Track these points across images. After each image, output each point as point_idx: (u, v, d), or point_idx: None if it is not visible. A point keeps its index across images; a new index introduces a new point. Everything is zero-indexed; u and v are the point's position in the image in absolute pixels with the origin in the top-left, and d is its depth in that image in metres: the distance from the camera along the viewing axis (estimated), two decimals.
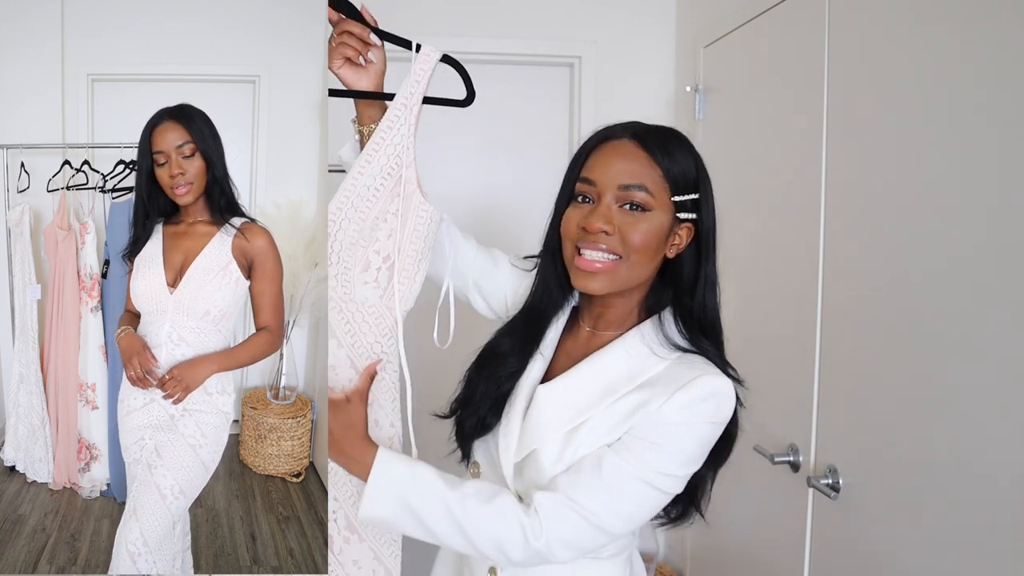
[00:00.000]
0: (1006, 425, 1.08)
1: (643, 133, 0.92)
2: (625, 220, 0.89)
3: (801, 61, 1.60)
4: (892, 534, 1.31)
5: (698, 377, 0.87)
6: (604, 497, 0.87)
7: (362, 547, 0.96)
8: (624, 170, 0.90)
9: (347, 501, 0.95)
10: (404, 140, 0.92)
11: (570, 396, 0.91)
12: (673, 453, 0.87)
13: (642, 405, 0.88)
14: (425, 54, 0.94)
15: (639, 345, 0.92)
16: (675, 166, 0.90)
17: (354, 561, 0.95)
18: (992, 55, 1.12)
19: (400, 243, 0.93)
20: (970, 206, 1.15)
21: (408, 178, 0.92)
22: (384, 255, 0.93)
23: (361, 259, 0.93)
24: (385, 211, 0.92)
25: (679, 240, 0.92)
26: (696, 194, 0.91)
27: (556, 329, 1.00)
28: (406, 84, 0.94)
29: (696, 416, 0.87)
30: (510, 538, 0.87)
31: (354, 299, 0.94)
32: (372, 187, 0.92)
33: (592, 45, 2.29)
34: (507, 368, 0.97)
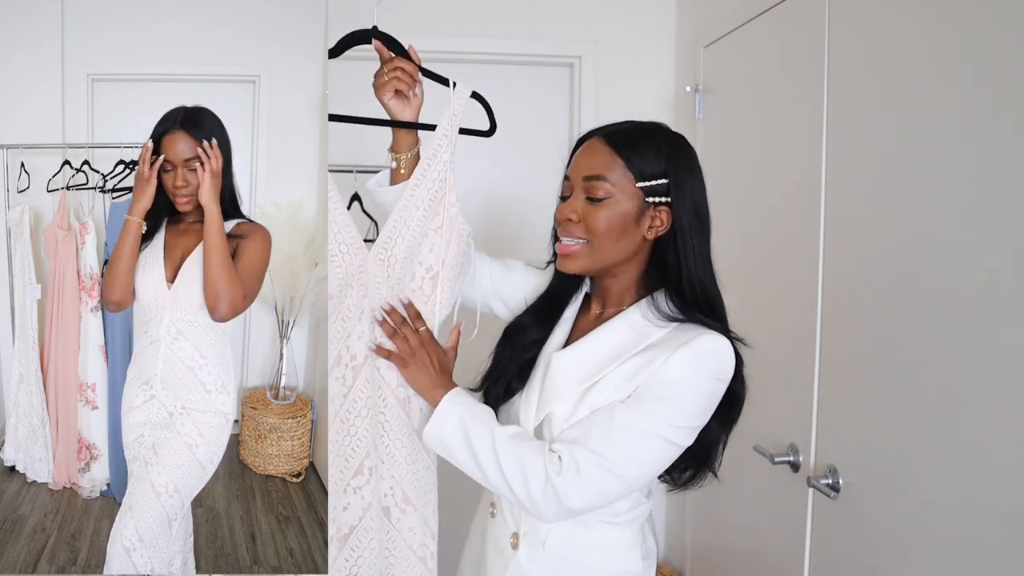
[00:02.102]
0: (1006, 425, 1.08)
1: (612, 131, 1.03)
2: (588, 209, 1.00)
3: (801, 61, 1.60)
4: (892, 534, 1.31)
5: (697, 336, 0.96)
6: (615, 445, 0.94)
7: (416, 516, 1.11)
8: (588, 164, 1.01)
9: (404, 479, 1.11)
10: (446, 166, 1.06)
11: (581, 361, 1.01)
12: (679, 405, 0.95)
13: (646, 365, 0.96)
14: (460, 91, 1.08)
15: (639, 318, 1.02)
16: (638, 156, 0.99)
17: (410, 528, 1.12)
18: (992, 54, 1.12)
19: (443, 256, 1.07)
20: (970, 205, 1.15)
21: (451, 200, 1.06)
22: (427, 266, 1.07)
23: (409, 270, 1.07)
24: (427, 228, 1.06)
25: (658, 223, 1.01)
26: (665, 179, 1.00)
27: (573, 308, 1.12)
28: (446, 118, 1.07)
29: (698, 371, 0.95)
30: (534, 471, 0.95)
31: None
32: (422, 207, 1.05)
33: (592, 45, 2.29)
34: (529, 337, 1.09)
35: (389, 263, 1.05)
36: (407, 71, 1.06)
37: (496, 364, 1.12)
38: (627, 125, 1.05)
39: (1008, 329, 1.08)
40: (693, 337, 0.96)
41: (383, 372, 1.08)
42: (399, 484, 1.10)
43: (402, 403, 1.10)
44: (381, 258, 1.05)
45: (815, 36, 1.54)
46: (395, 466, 1.09)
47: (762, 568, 1.77)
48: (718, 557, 2.03)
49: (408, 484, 1.10)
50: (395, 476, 1.09)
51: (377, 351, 1.08)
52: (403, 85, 1.06)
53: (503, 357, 1.11)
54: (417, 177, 1.05)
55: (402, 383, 1.10)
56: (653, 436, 0.94)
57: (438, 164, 1.05)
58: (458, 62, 2.28)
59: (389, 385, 1.09)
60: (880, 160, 1.36)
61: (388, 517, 1.10)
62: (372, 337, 1.08)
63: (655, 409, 0.94)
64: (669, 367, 0.94)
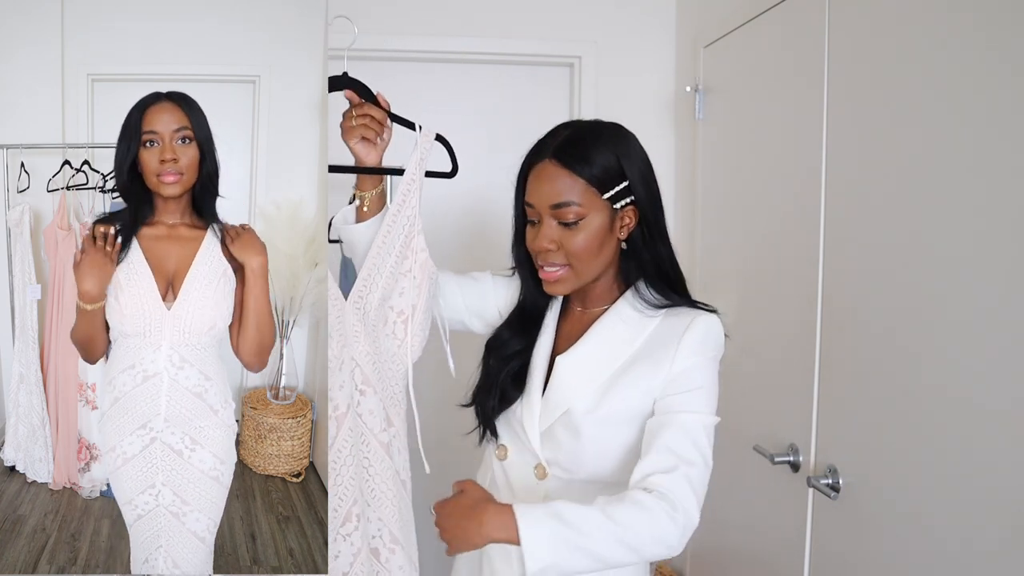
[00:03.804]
0: (1006, 425, 1.08)
1: (561, 149, 1.02)
2: (564, 235, 1.02)
3: (801, 61, 1.60)
4: (892, 534, 1.31)
5: (692, 321, 1.02)
6: (686, 443, 0.97)
7: (403, 554, 1.12)
8: (551, 192, 1.01)
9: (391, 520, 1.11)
10: (414, 210, 1.07)
11: (587, 360, 1.04)
12: (705, 388, 1.01)
13: (659, 363, 1.00)
14: (426, 134, 1.10)
15: (629, 310, 1.06)
16: (595, 169, 1.00)
17: (399, 567, 1.12)
18: (992, 54, 1.12)
19: (415, 301, 1.08)
20: (971, 205, 1.15)
21: (420, 245, 1.08)
22: (398, 311, 1.08)
23: (381, 315, 1.09)
24: (397, 272, 1.07)
25: (627, 221, 1.04)
26: (625, 181, 1.02)
27: (553, 314, 1.14)
28: (413, 162, 1.09)
29: (706, 352, 1.02)
30: (661, 525, 0.92)
31: (381, 350, 1.09)
32: (394, 253, 1.07)
33: (592, 45, 2.28)
34: (512, 348, 1.11)
35: (365, 310, 1.07)
36: (376, 118, 1.09)
37: (486, 376, 1.12)
38: (568, 135, 1.04)
39: (1008, 329, 1.08)
40: (690, 323, 1.02)
41: (365, 419, 1.09)
42: (386, 526, 1.11)
43: (385, 447, 1.11)
44: (358, 307, 1.07)
45: (815, 36, 1.54)
46: (381, 508, 1.10)
47: (762, 568, 1.77)
48: (718, 557, 2.03)
49: (395, 525, 1.12)
50: (382, 519, 1.10)
51: None
52: (370, 133, 1.09)
53: (492, 370, 1.12)
54: (388, 224, 1.07)
55: (384, 428, 1.10)
56: (704, 426, 0.99)
57: (407, 209, 1.08)
58: (458, 62, 2.28)
59: (372, 431, 1.10)
60: (880, 160, 1.36)
61: (377, 558, 1.11)
62: (352, 385, 1.08)
63: (700, 397, 1.00)
64: (680, 358, 1.00)
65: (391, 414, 1.11)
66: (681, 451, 0.96)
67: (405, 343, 1.09)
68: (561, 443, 1.04)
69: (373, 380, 1.08)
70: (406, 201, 1.07)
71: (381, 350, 1.09)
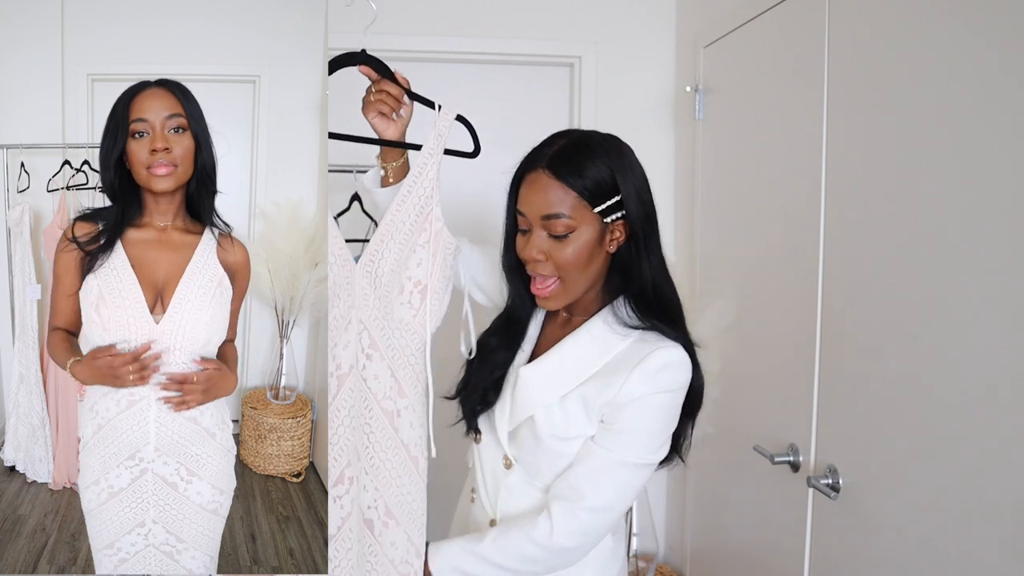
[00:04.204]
0: (1006, 425, 1.08)
1: (555, 159, 1.01)
2: (553, 247, 1.02)
3: (801, 61, 1.60)
4: (892, 534, 1.31)
5: (651, 352, 1.01)
6: (598, 487, 1.01)
7: (399, 530, 1.10)
8: (542, 202, 1.01)
9: (387, 492, 1.10)
10: (432, 183, 1.09)
11: (549, 374, 1.07)
12: (643, 432, 1.02)
13: (609, 386, 1.01)
14: (445, 114, 1.11)
15: (601, 327, 1.06)
16: (587, 181, 1.00)
17: (392, 543, 1.10)
18: (993, 54, 1.12)
19: (431, 270, 1.09)
20: (970, 205, 1.15)
21: (436, 215, 1.09)
22: (415, 281, 1.09)
23: (397, 284, 1.09)
24: (415, 243, 1.09)
25: (617, 235, 1.03)
26: (617, 195, 1.01)
27: (536, 323, 1.16)
28: (431, 138, 1.10)
29: (652, 388, 1.00)
30: (532, 553, 1.02)
31: (393, 318, 1.09)
32: (408, 222, 1.08)
33: (592, 45, 2.29)
34: (497, 359, 1.13)
35: (376, 275, 1.07)
36: (392, 94, 1.11)
37: (470, 379, 1.16)
38: (563, 145, 1.03)
39: (1008, 329, 1.08)
40: (648, 353, 1.01)
41: (370, 384, 1.07)
42: (382, 497, 1.09)
43: (390, 416, 1.09)
44: (368, 271, 1.07)
45: (815, 36, 1.54)
46: (379, 478, 1.08)
47: (762, 568, 1.77)
48: (718, 557, 2.03)
49: (392, 498, 1.10)
50: (378, 488, 1.08)
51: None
52: (386, 108, 1.11)
53: (475, 375, 1.15)
54: (403, 194, 1.08)
55: (390, 395, 1.09)
56: (630, 466, 1.02)
57: (424, 181, 1.09)
58: (458, 62, 2.28)
59: (376, 396, 1.08)
60: (880, 160, 1.36)
61: (371, 530, 1.09)
62: (359, 347, 1.08)
63: (625, 440, 1.01)
64: (628, 389, 1.00)
65: (403, 384, 1.10)
66: (584, 489, 1.01)
67: (422, 312, 1.10)
68: (524, 444, 1.08)
69: (381, 345, 1.08)
70: (422, 174, 1.08)
71: (393, 318, 1.09)
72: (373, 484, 1.08)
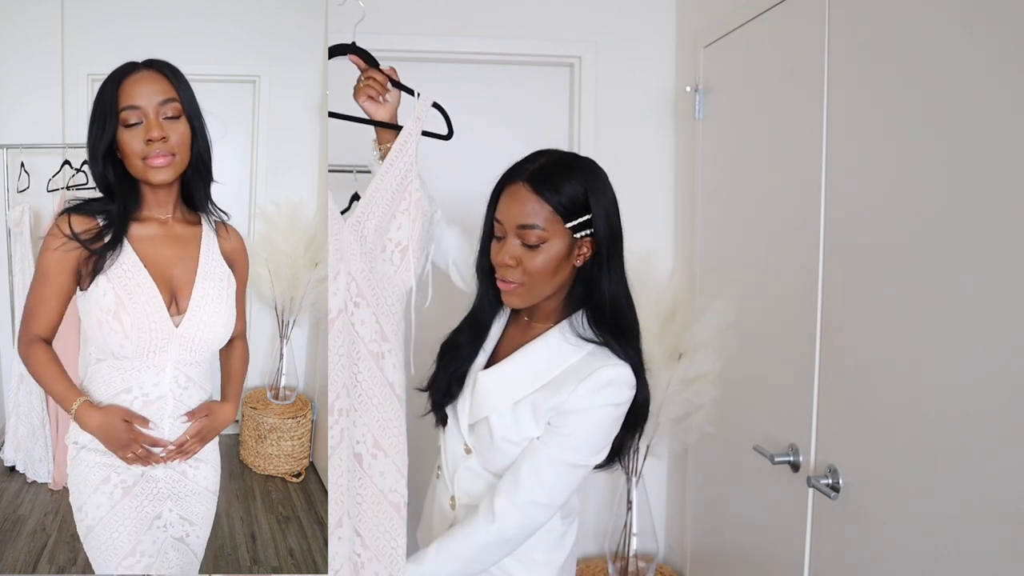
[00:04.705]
0: (1006, 425, 1.08)
1: (535, 175, 1.10)
2: (524, 255, 1.10)
3: (801, 61, 1.60)
4: (892, 534, 1.31)
5: (598, 369, 1.10)
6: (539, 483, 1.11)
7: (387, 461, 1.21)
8: (519, 213, 1.09)
9: (374, 425, 1.19)
10: (411, 158, 1.23)
11: (506, 379, 1.16)
12: (583, 438, 1.11)
13: (556, 395, 1.11)
14: (423, 100, 1.27)
15: (558, 339, 1.15)
16: (563, 198, 1.09)
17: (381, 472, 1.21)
18: (992, 55, 1.12)
19: (411, 234, 1.23)
20: (971, 205, 1.15)
21: (415, 186, 1.24)
22: (396, 242, 1.23)
23: (380, 244, 1.22)
24: (396, 209, 1.22)
25: (584, 250, 1.12)
26: (588, 214, 1.10)
27: (499, 325, 1.25)
28: (411, 120, 1.25)
29: (596, 402, 1.10)
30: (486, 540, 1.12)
31: (377, 271, 1.21)
32: (390, 190, 1.21)
33: (592, 45, 2.28)
34: (462, 357, 1.23)
35: (362, 235, 1.19)
36: (378, 81, 1.26)
37: (436, 376, 1.25)
38: (544, 162, 1.12)
39: (1008, 329, 1.08)
40: (596, 369, 1.10)
41: (358, 328, 1.18)
42: (370, 431, 1.19)
43: (375, 357, 1.20)
44: (355, 230, 1.18)
45: (815, 36, 1.54)
46: (367, 414, 1.19)
47: (762, 568, 1.77)
48: (718, 557, 2.03)
49: (379, 431, 1.20)
50: (367, 424, 1.19)
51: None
52: (373, 92, 1.26)
53: (442, 371, 1.24)
54: (386, 166, 1.22)
55: (375, 339, 1.20)
56: (568, 467, 1.12)
57: (404, 156, 1.22)
58: (458, 62, 2.28)
59: (363, 340, 1.19)
60: (880, 160, 1.36)
61: (360, 463, 1.18)
62: (347, 295, 1.17)
63: (566, 445, 1.11)
64: (572, 400, 1.10)
65: (386, 329, 1.21)
66: (527, 484, 1.11)
67: (402, 268, 1.23)
68: (481, 439, 1.18)
69: (367, 294, 1.19)
70: (403, 150, 1.22)
71: (378, 272, 1.20)
72: (362, 420, 1.18)
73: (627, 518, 2.02)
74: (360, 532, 1.18)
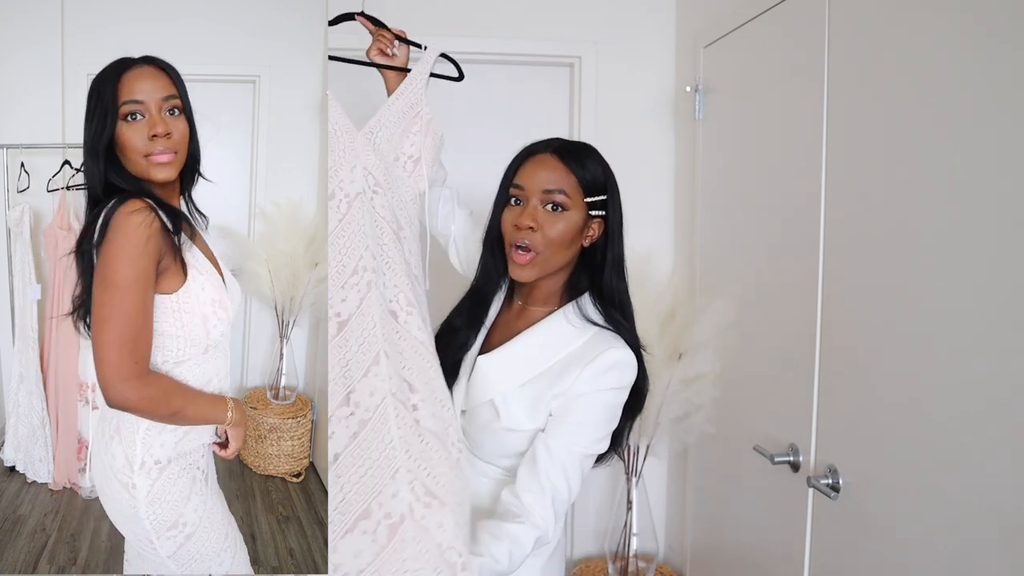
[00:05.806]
0: (1006, 425, 1.08)
1: (561, 148, 1.16)
2: (547, 218, 1.13)
3: (801, 61, 1.60)
4: (892, 534, 1.31)
5: (603, 352, 1.10)
6: (558, 473, 1.10)
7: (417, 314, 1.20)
8: (547, 178, 1.14)
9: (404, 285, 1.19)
10: (420, 91, 1.31)
11: (509, 362, 1.16)
12: (589, 424, 1.11)
13: (561, 380, 1.11)
14: (432, 50, 1.35)
15: (563, 322, 1.16)
16: (587, 174, 1.14)
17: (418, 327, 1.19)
18: (992, 54, 1.12)
19: (422, 147, 1.29)
20: (970, 205, 1.15)
21: (425, 113, 1.30)
22: (408, 155, 1.29)
23: (392, 153, 1.27)
24: (408, 131, 1.29)
25: (592, 232, 1.16)
26: (604, 195, 1.15)
27: (495, 307, 1.26)
28: (420, 63, 1.32)
29: (600, 385, 1.10)
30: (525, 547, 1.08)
31: (391, 174, 1.24)
32: (399, 113, 1.28)
33: (592, 45, 2.29)
34: (459, 340, 1.23)
35: (375, 143, 1.25)
36: (386, 36, 1.33)
37: None
38: (566, 141, 1.17)
39: (1008, 329, 1.08)
40: (601, 352, 1.10)
41: (379, 211, 1.20)
42: (401, 292, 1.18)
43: (396, 234, 1.22)
44: (368, 138, 1.24)
45: (815, 36, 1.54)
46: (396, 276, 1.18)
47: (762, 568, 1.77)
48: (718, 557, 2.03)
49: (408, 291, 1.19)
50: (397, 285, 1.18)
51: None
52: (383, 45, 1.32)
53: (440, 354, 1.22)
54: (396, 94, 1.29)
55: (394, 222, 1.23)
56: (585, 457, 1.12)
57: (414, 87, 1.31)
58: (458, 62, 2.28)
59: (385, 219, 1.21)
60: (880, 160, 1.36)
61: (395, 319, 1.16)
62: (365, 184, 1.18)
63: (581, 431, 1.11)
64: (578, 385, 1.10)
65: (402, 221, 1.23)
66: (554, 480, 1.10)
67: (415, 175, 1.27)
68: (474, 423, 1.18)
69: (384, 184, 1.21)
70: (412, 82, 1.31)
71: (392, 175, 1.25)
72: (392, 281, 1.18)
73: (627, 518, 2.02)
74: (407, 380, 1.14)
